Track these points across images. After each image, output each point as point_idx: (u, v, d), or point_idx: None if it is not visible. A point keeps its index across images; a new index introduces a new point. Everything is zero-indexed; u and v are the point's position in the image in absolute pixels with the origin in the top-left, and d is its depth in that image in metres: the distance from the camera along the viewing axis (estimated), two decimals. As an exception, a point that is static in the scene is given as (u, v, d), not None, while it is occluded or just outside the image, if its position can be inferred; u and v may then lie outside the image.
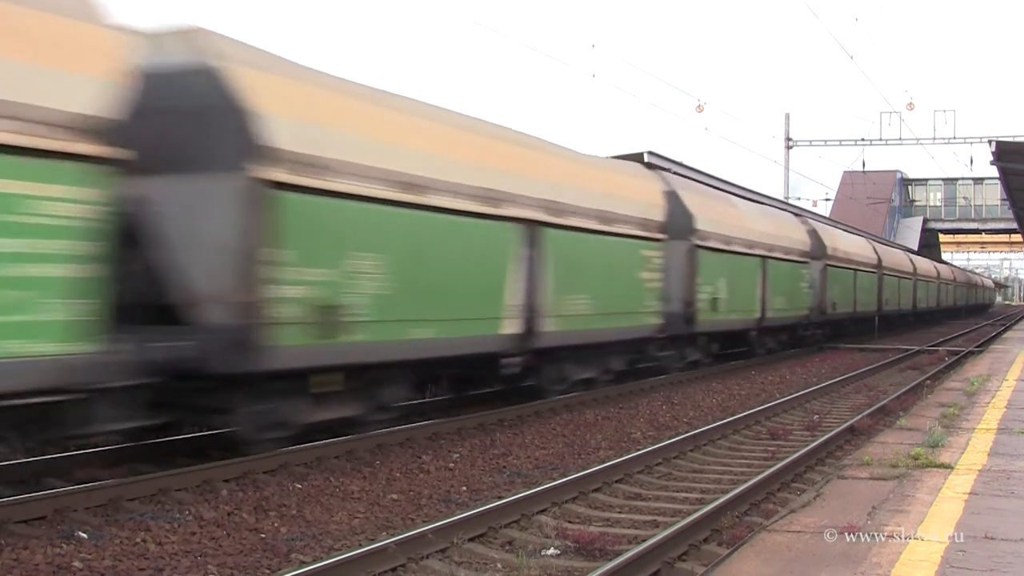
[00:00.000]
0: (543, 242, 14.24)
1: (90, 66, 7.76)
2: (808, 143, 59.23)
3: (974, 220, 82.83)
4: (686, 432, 13.16)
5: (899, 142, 56.65)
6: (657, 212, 18.28)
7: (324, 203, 10.26)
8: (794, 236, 28.65)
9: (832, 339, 33.40)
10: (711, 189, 25.17)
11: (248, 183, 9.49)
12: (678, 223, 19.36)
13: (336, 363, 10.78)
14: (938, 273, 43.56)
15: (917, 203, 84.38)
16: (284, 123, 9.77)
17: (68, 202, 7.55)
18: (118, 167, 8.01)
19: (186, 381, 9.44)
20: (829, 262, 31.34)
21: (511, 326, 13.66)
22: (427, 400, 13.89)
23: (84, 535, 7.59)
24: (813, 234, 30.73)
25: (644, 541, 7.34)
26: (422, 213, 11.71)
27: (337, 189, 10.39)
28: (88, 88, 7.70)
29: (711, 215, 21.67)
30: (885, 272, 41.23)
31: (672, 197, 19.50)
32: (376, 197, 10.96)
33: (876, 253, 40.17)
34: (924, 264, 49.19)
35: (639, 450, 11.68)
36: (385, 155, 11.18)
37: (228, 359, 9.46)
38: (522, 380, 15.20)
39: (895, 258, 45.46)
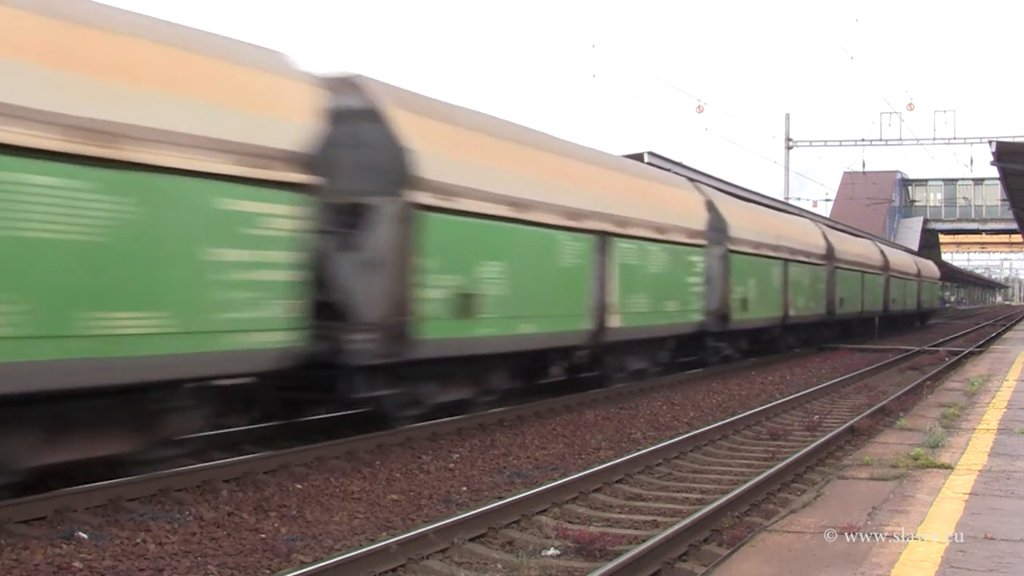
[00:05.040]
0: (611, 250, 16.46)
1: (296, 114, 9.87)
2: (808, 143, 59.26)
3: (974, 220, 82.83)
4: (686, 432, 13.15)
5: (899, 142, 56.70)
6: (700, 222, 20.65)
7: (457, 221, 12.34)
8: (811, 240, 30.51)
9: (843, 337, 35.12)
10: (741, 200, 27.14)
11: (403, 206, 11.52)
12: (715, 230, 21.49)
13: (467, 353, 12.91)
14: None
15: (917, 203, 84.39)
16: (428, 157, 11.88)
17: (284, 218, 9.58)
18: (313, 191, 9.92)
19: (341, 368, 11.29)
20: (840, 265, 33.17)
21: (588, 322, 15.80)
22: (508, 388, 14.95)
23: (84, 535, 7.60)
24: (826, 238, 32.61)
25: (644, 541, 7.35)
26: (525, 228, 13.96)
27: (467, 209, 12.52)
28: (295, 130, 9.75)
29: (742, 222, 23.67)
30: (892, 274, 43.06)
31: (710, 207, 21.68)
32: (494, 215, 13.19)
33: (883, 256, 41.87)
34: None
35: (639, 450, 11.68)
36: (500, 181, 13.47)
37: (387, 349, 11.41)
38: (587, 370, 17.22)
39: (900, 260, 47.31)
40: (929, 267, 55.96)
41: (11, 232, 7.27)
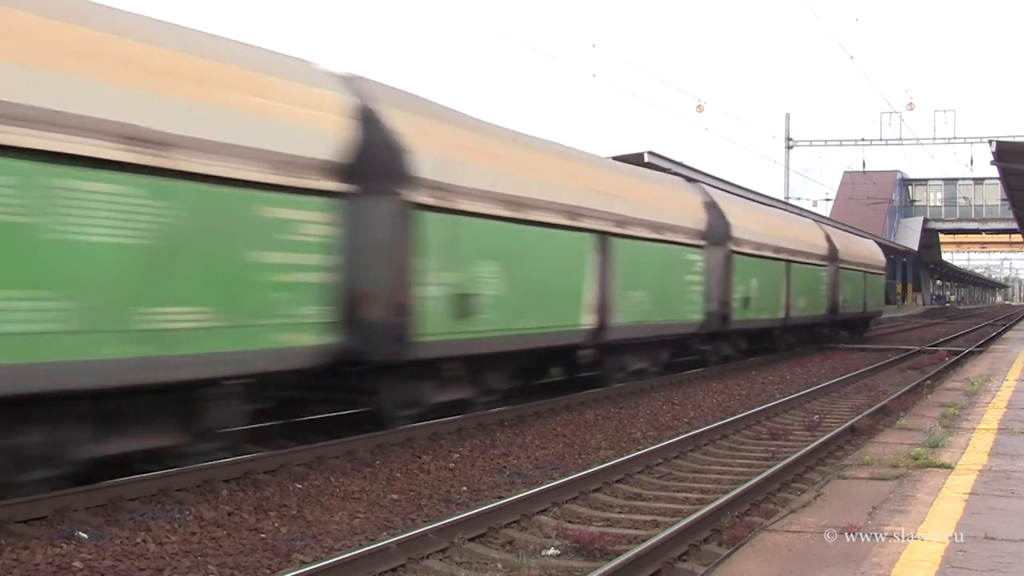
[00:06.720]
0: (791, 273, 27.58)
1: (696, 209, 20.89)
2: (808, 143, 59.34)
3: (974, 220, 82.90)
4: (686, 432, 13.16)
5: (899, 142, 56.80)
6: (824, 250, 31.88)
7: (804, 269, 27.37)
8: (877, 256, 42.14)
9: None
10: (844, 232, 39.52)
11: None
12: (832, 255, 32.86)
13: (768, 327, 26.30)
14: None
15: (917, 203, 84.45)
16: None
17: (697, 260, 20.44)
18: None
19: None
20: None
21: (828, 310, 31.23)
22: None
23: (84, 535, 7.60)
24: (882, 253, 43.86)
25: (644, 541, 7.35)
26: (799, 264, 27.59)
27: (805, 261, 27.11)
28: (696, 216, 20.84)
29: (845, 247, 34.96)
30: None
31: (828, 238, 32.81)
32: (782, 259, 26.22)
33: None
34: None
35: (639, 450, 11.68)
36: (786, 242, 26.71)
37: (718, 325, 22.01)
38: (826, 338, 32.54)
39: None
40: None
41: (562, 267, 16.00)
